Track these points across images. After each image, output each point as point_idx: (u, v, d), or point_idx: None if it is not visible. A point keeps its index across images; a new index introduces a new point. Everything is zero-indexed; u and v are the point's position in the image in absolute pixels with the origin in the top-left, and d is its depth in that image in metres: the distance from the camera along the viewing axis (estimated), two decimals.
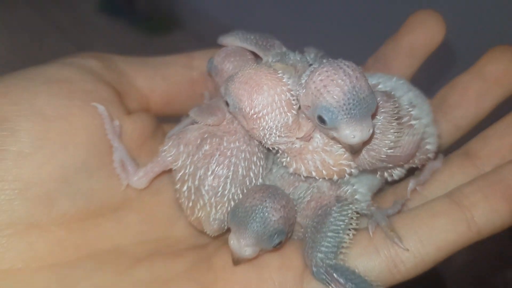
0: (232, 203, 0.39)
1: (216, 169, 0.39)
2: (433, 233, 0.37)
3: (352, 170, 0.40)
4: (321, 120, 0.34)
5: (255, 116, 0.36)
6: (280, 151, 0.40)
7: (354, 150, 0.36)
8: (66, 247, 0.36)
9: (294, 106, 0.37)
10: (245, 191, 0.40)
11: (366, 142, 0.36)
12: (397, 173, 0.43)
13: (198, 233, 0.43)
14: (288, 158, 0.40)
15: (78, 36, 2.46)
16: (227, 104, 0.39)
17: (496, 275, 1.38)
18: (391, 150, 0.37)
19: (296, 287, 0.36)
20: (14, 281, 0.33)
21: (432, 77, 0.67)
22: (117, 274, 0.36)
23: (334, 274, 0.35)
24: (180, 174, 0.40)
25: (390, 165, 0.39)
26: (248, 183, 0.40)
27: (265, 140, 0.38)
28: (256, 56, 0.46)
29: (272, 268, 0.37)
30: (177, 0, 2.54)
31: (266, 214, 0.35)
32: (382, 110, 0.37)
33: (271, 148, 0.41)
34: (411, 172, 0.45)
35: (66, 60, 0.41)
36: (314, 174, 0.40)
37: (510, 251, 1.38)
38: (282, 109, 0.36)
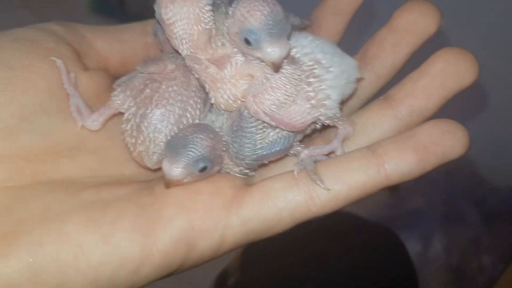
0: (169, 138, 0.44)
1: (154, 108, 0.44)
2: (346, 173, 0.41)
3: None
4: (247, 42, 0.40)
5: (168, 22, 0.43)
6: (201, 78, 0.45)
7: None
8: (24, 174, 0.41)
9: (202, 24, 0.43)
10: (181, 127, 0.45)
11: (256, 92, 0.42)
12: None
13: (146, 173, 0.48)
14: (207, 87, 0.45)
15: None
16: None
17: (471, 261, 1.42)
18: (274, 107, 0.41)
19: (223, 210, 0.41)
20: None
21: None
22: (66, 196, 0.40)
23: (261, 159, 0.44)
24: (126, 115, 0.45)
25: (273, 123, 0.43)
26: (185, 122, 0.45)
27: (181, 51, 0.44)
28: None
29: (204, 193, 0.42)
30: None
31: (194, 142, 0.41)
32: (282, 70, 0.41)
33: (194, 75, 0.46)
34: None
35: (33, 25, 0.47)
36: (223, 106, 0.45)
37: (484, 237, 1.43)
38: (188, 20, 0.42)
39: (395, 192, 1.69)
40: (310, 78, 0.42)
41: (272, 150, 0.44)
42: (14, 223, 0.38)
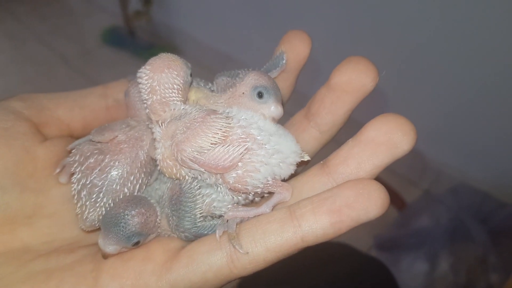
0: (103, 209, 0.48)
1: (93, 180, 0.47)
2: (264, 236, 0.41)
3: (183, 171, 0.46)
4: (260, 95, 0.46)
5: (137, 80, 0.47)
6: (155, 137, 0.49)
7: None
8: None
9: (157, 96, 0.47)
10: (117, 201, 0.48)
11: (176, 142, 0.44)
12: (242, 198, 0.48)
13: (99, 233, 0.51)
14: (155, 145, 0.48)
15: (84, 67, 2.59)
16: None
17: (479, 279, 1.41)
18: (197, 153, 0.43)
19: (153, 275, 0.43)
20: None
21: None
22: (17, 267, 0.45)
23: (200, 236, 0.46)
24: (73, 177, 0.49)
25: (202, 169, 0.44)
26: (121, 196, 0.48)
27: (145, 106, 0.48)
28: None
29: (136, 260, 0.44)
30: (176, 30, 2.66)
31: (125, 220, 0.45)
32: (201, 119, 0.44)
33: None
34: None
35: None
36: (160, 164, 0.47)
37: (493, 255, 1.42)
38: (146, 87, 0.47)
39: (401, 209, 1.71)
40: (236, 146, 0.44)
41: (212, 231, 0.46)
42: None
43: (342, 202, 0.40)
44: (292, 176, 0.47)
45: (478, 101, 1.60)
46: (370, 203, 0.39)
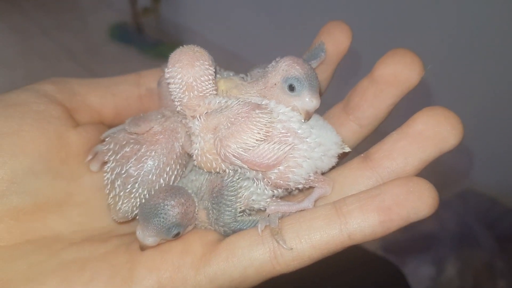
0: (138, 200, 0.46)
1: (129, 169, 0.46)
2: (310, 232, 0.40)
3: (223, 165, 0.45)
4: (291, 88, 0.43)
5: (167, 80, 0.46)
6: (191, 131, 0.47)
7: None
8: (14, 233, 0.44)
9: (194, 91, 0.45)
10: (152, 192, 0.46)
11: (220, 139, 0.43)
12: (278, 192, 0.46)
13: (130, 223, 0.50)
14: (193, 140, 0.46)
15: (90, 63, 2.58)
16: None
17: (486, 285, 1.40)
18: (241, 150, 0.42)
19: (191, 269, 0.41)
20: None
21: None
22: (48, 255, 0.43)
23: (238, 230, 0.44)
24: (106, 166, 0.48)
25: (246, 166, 0.43)
26: (157, 187, 0.47)
27: (176, 104, 0.47)
28: None
29: (174, 253, 0.43)
30: (184, 28, 2.66)
31: (165, 211, 0.43)
32: (246, 114, 0.42)
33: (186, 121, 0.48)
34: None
35: (27, 87, 0.49)
36: (195, 162, 0.46)
37: (500, 261, 1.41)
38: (181, 85, 0.45)
39: None
40: (282, 144, 0.42)
41: (251, 227, 0.45)
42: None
43: (392, 201, 0.39)
44: (330, 168, 0.46)
45: (486, 106, 1.60)
46: (421, 202, 0.38)
